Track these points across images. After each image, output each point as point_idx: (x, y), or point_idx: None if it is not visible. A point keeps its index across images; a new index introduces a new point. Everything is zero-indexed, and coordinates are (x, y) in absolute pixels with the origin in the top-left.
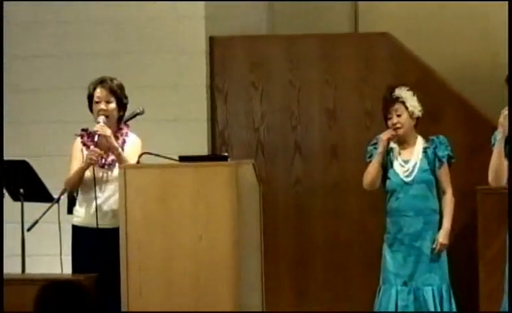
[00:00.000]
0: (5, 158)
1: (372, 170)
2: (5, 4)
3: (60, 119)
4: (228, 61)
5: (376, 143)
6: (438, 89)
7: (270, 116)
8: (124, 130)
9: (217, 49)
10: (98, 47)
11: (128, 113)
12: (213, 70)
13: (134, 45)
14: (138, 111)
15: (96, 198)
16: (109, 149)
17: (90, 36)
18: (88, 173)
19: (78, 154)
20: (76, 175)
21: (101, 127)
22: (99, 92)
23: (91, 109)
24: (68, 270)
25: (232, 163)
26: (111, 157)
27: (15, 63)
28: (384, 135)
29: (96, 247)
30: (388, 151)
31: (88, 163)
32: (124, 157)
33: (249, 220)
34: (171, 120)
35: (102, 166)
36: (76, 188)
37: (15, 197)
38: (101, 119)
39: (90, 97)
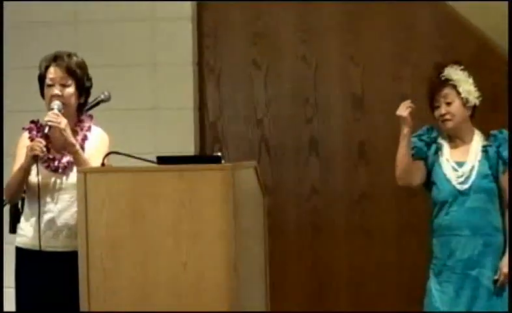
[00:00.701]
0: None
1: (400, 158)
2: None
3: (6, 108)
4: (222, 31)
5: (421, 134)
6: (501, 67)
7: (277, 104)
8: (86, 123)
9: (208, 15)
10: (53, 15)
11: (90, 100)
12: (203, 42)
13: (98, 11)
14: (102, 97)
15: (51, 211)
16: (64, 147)
17: (43, 3)
18: (36, 179)
19: (23, 154)
20: (16, 178)
21: (55, 116)
22: (52, 72)
23: (43, 95)
24: (11, 306)
25: (227, 167)
26: (67, 158)
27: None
28: (403, 111)
29: (46, 276)
30: (436, 149)
31: (30, 159)
32: (84, 158)
33: (250, 242)
34: (147, 108)
35: (55, 169)
36: (17, 197)
37: None
38: (56, 105)
39: (42, 78)
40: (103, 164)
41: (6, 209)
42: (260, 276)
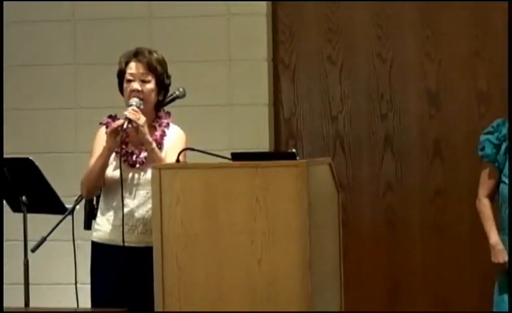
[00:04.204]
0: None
1: None
2: None
3: (73, 104)
4: (297, 27)
5: (491, 132)
6: None
7: (352, 100)
8: (164, 120)
9: (283, 12)
10: (122, 9)
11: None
12: (278, 39)
13: (173, 7)
14: (177, 93)
15: (127, 206)
16: (142, 143)
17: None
18: (114, 173)
19: (101, 147)
20: (98, 164)
21: (134, 112)
22: (133, 67)
23: (121, 90)
24: (85, 302)
25: (302, 163)
26: (145, 153)
27: (9, 29)
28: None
29: (121, 270)
30: (505, 148)
31: (111, 138)
32: (160, 156)
33: (325, 239)
34: (221, 105)
35: (133, 164)
36: (97, 187)
37: (16, 207)
38: (134, 101)
39: (121, 74)
40: (178, 161)
41: (81, 207)
42: (335, 273)
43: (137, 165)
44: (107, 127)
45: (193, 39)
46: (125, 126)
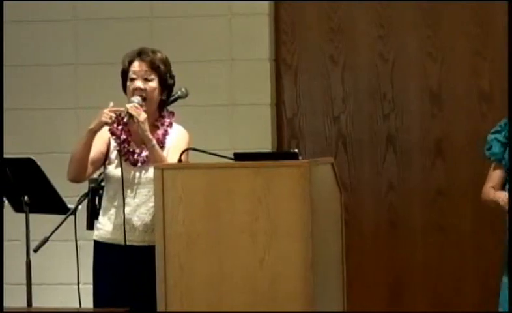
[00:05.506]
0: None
1: None
2: None
3: (74, 104)
4: (298, 27)
5: (498, 132)
6: None
7: (354, 100)
8: (167, 119)
9: (284, 12)
10: (124, 9)
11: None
12: (279, 38)
13: (170, 6)
14: (179, 93)
15: (129, 205)
16: (143, 142)
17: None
18: (115, 172)
19: (99, 144)
20: (80, 145)
21: (135, 108)
22: (136, 66)
23: (125, 89)
24: (88, 302)
25: (305, 163)
26: (147, 152)
27: (9, 29)
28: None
29: (124, 270)
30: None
31: (99, 123)
32: (160, 153)
33: (327, 239)
34: (223, 105)
35: (134, 163)
36: (80, 171)
37: (18, 208)
38: (136, 98)
39: (125, 73)
40: (180, 161)
41: (83, 208)
42: (337, 273)
43: (139, 164)
44: (110, 124)
45: (194, 39)
46: (125, 119)
